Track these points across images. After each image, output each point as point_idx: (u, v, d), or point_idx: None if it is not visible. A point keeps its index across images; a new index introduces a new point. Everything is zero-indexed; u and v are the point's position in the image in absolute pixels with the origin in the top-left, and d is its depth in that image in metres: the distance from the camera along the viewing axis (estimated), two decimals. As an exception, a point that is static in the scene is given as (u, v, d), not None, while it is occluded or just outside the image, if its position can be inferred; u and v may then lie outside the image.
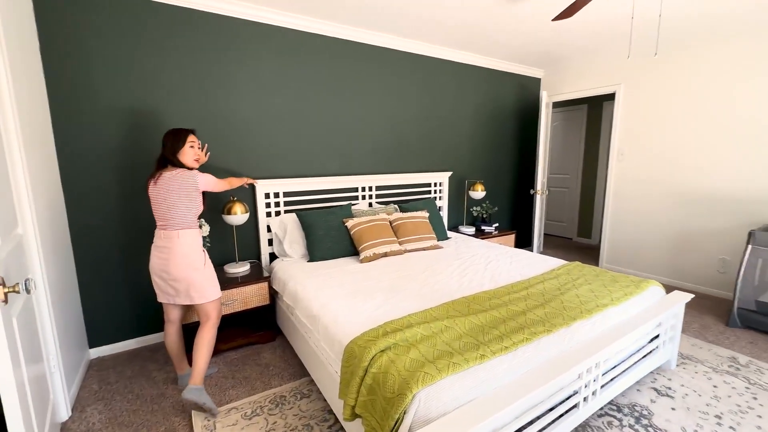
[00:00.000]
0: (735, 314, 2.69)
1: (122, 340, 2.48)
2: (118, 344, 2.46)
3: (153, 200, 1.81)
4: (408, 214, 3.06)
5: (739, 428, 1.70)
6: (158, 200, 1.79)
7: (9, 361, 1.08)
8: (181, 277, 1.81)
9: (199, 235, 1.88)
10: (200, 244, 1.88)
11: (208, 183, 1.94)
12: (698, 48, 3.23)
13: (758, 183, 2.99)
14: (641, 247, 3.81)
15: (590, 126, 5.25)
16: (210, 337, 1.89)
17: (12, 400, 1.10)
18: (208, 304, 1.89)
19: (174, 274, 1.80)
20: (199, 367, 1.82)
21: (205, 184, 1.91)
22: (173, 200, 1.78)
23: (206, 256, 1.91)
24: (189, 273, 1.81)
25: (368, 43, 3.15)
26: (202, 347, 1.85)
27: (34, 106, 1.87)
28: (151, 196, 1.80)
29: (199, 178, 1.86)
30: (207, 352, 1.86)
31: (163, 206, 1.78)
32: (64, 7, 2.07)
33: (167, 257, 1.79)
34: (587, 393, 1.59)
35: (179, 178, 1.80)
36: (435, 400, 1.19)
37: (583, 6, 1.99)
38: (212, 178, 1.98)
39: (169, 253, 1.79)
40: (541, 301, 1.85)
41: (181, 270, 1.80)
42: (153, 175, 1.82)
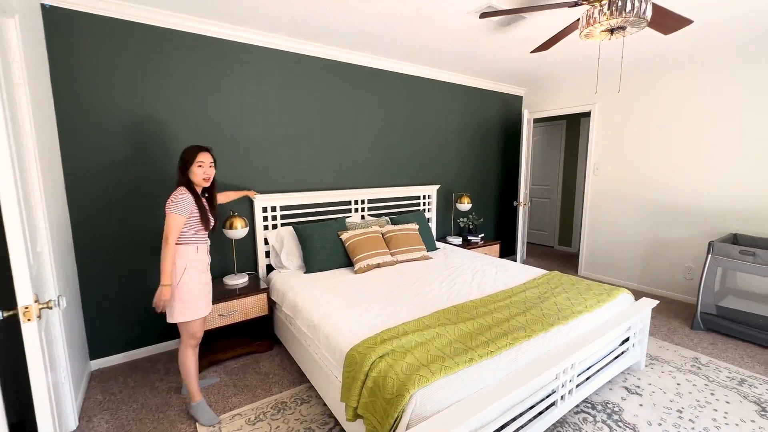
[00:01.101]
0: (698, 318, 2.94)
1: (121, 351, 2.54)
2: (117, 356, 2.52)
3: None
4: (399, 227, 3.23)
5: (697, 420, 1.90)
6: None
7: (44, 373, 1.18)
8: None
9: (186, 253, 1.84)
10: (184, 261, 1.83)
11: (169, 218, 1.77)
12: (658, 76, 3.53)
13: (717, 197, 3.28)
14: (616, 256, 4.07)
15: (569, 140, 5.56)
16: (182, 356, 1.93)
17: (45, 410, 1.20)
18: (178, 324, 1.88)
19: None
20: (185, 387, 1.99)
21: (168, 213, 1.77)
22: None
23: (186, 277, 1.84)
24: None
25: (361, 65, 3.33)
26: (180, 370, 1.96)
27: (46, 126, 1.96)
28: None
29: (170, 207, 1.77)
30: (184, 372, 1.94)
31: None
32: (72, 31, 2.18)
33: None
34: (564, 392, 1.77)
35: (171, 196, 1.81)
36: (430, 400, 1.34)
37: (557, 42, 2.22)
38: (176, 220, 1.77)
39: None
40: (522, 309, 2.03)
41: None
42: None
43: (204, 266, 1.95)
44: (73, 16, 2.16)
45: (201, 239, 1.92)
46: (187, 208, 1.80)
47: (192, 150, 1.88)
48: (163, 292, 1.77)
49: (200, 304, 1.92)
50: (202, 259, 1.93)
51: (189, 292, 1.86)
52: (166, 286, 1.78)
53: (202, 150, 1.89)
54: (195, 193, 1.87)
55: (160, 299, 1.78)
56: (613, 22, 1.68)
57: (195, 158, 1.87)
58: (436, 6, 2.28)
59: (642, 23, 1.71)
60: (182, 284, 1.83)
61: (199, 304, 1.91)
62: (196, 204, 1.85)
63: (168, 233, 1.77)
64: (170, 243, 1.77)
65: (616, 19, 1.66)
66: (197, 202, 1.86)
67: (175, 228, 1.78)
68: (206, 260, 1.98)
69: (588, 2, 1.74)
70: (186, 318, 1.86)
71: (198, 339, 1.96)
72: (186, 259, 1.85)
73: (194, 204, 1.84)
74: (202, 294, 1.93)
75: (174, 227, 1.77)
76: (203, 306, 1.94)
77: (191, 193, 1.85)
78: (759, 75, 2.98)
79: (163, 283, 1.78)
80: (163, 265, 1.78)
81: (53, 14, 2.11)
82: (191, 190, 1.86)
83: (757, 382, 2.24)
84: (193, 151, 1.88)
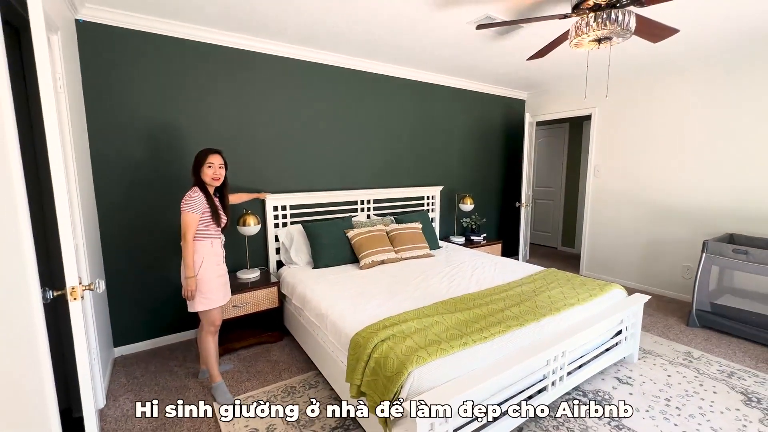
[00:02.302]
0: (694, 315, 3.02)
1: (143, 340, 2.72)
2: (139, 344, 2.70)
3: None
4: (403, 225, 3.37)
5: (683, 408, 2.00)
6: None
7: (86, 345, 1.35)
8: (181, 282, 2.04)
9: (201, 247, 2.00)
10: (200, 255, 1.99)
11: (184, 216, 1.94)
12: (654, 80, 3.63)
13: (714, 198, 3.36)
14: (616, 256, 4.15)
15: (572, 143, 5.65)
16: (203, 342, 2.11)
17: (86, 378, 1.37)
18: (199, 313, 2.06)
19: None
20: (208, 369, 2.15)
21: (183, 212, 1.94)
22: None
23: (203, 270, 2.00)
24: (182, 280, 2.03)
25: (367, 71, 3.50)
26: (201, 353, 2.13)
27: (79, 130, 2.15)
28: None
29: (184, 206, 1.94)
30: (204, 355, 2.13)
31: None
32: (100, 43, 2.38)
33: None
34: (555, 378, 1.89)
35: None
36: (426, 378, 1.48)
37: (551, 50, 2.35)
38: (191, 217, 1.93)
39: None
40: (517, 301, 2.16)
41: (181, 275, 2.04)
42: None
43: (219, 259, 2.10)
44: (101, 29, 2.36)
45: (215, 234, 2.08)
46: (199, 206, 1.96)
47: (203, 152, 2.06)
48: (189, 283, 1.96)
49: (218, 295, 2.08)
50: (217, 253, 2.09)
51: (206, 283, 2.02)
52: (191, 278, 1.96)
53: (211, 152, 2.06)
54: (207, 193, 2.03)
55: (187, 290, 1.97)
56: (600, 33, 1.81)
57: (205, 159, 2.04)
58: (436, 18, 2.44)
59: (627, 34, 1.84)
60: (200, 276, 2.00)
61: (217, 295, 2.07)
62: (207, 202, 2.00)
63: (185, 230, 1.94)
64: (188, 239, 1.94)
65: (603, 30, 1.80)
66: (209, 200, 2.01)
67: (191, 225, 1.94)
68: (221, 254, 2.13)
69: (576, 14, 1.87)
70: (205, 307, 2.03)
71: (217, 326, 2.13)
72: (202, 253, 2.01)
73: (206, 202, 2.00)
74: (218, 285, 2.08)
75: (189, 224, 1.94)
76: (221, 296, 2.11)
77: (203, 192, 2.01)
78: (751, 79, 3.07)
79: (187, 275, 1.96)
80: (186, 260, 1.96)
81: (85, 28, 2.32)
82: (203, 190, 2.02)
83: (746, 374, 2.33)
84: (204, 153, 2.06)
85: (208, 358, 2.11)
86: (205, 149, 2.09)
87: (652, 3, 1.75)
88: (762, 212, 3.10)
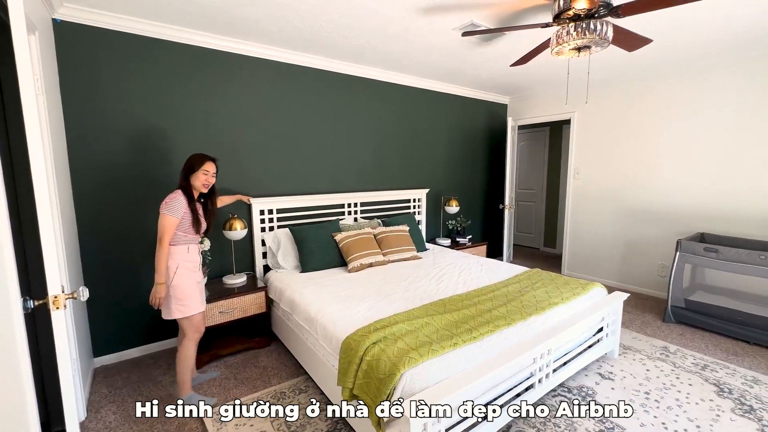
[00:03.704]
0: (669, 311, 3.16)
1: (124, 349, 2.64)
2: (120, 353, 2.62)
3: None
4: (390, 228, 3.39)
5: (662, 401, 2.09)
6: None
7: (68, 356, 1.31)
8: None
9: (177, 252, 1.95)
10: (175, 261, 1.94)
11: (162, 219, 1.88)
12: (629, 87, 3.79)
13: (686, 199, 3.53)
14: (596, 255, 4.30)
15: (552, 146, 5.82)
16: (184, 350, 2.02)
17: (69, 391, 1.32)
18: (178, 320, 2.00)
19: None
20: (177, 380, 2.06)
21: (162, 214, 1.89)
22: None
23: (178, 276, 1.94)
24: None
25: (353, 75, 3.51)
26: (177, 362, 2.04)
27: (57, 133, 2.08)
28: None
29: (164, 208, 1.89)
30: (183, 366, 2.03)
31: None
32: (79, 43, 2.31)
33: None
34: (541, 375, 1.94)
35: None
36: (418, 379, 1.50)
37: (534, 57, 2.43)
38: (169, 221, 1.88)
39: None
40: (504, 301, 2.21)
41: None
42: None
43: (195, 266, 2.04)
44: (80, 29, 2.29)
45: (192, 240, 2.02)
46: (180, 210, 1.91)
47: (200, 157, 2.04)
48: (158, 290, 1.90)
49: (195, 302, 2.02)
50: (193, 259, 2.03)
51: (183, 290, 1.96)
52: (160, 285, 1.90)
53: (208, 159, 2.05)
54: (190, 198, 1.98)
55: (155, 296, 1.90)
56: (580, 42, 1.89)
57: (202, 165, 2.02)
58: (422, 24, 2.48)
59: (605, 43, 1.92)
60: (175, 283, 1.94)
61: (195, 301, 2.02)
62: (189, 207, 1.95)
63: (162, 233, 1.88)
64: (164, 243, 1.88)
65: (582, 40, 1.87)
66: (190, 205, 1.97)
67: (169, 228, 1.88)
68: (197, 260, 2.07)
69: (557, 24, 1.94)
70: (183, 314, 1.97)
71: (201, 333, 2.09)
72: (177, 259, 1.95)
73: (187, 207, 1.95)
74: (196, 291, 2.03)
75: (167, 228, 1.88)
76: (199, 302, 2.05)
77: (186, 196, 1.96)
78: (716, 87, 3.25)
79: (157, 281, 1.89)
80: (158, 264, 1.89)
81: (63, 28, 2.24)
82: (187, 194, 1.98)
83: (718, 367, 2.45)
84: (201, 158, 2.04)
85: (185, 369, 2.04)
86: (201, 155, 2.06)
87: (628, 14, 1.83)
88: (731, 212, 3.28)
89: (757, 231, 3.13)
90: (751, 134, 3.13)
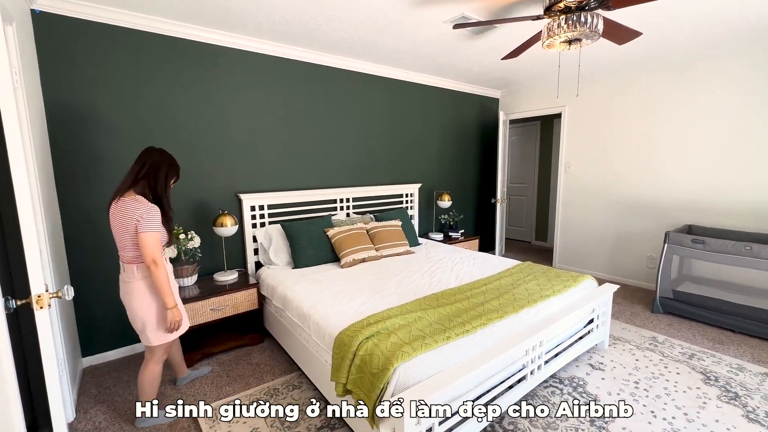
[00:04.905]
0: (657, 302, 3.22)
1: (113, 348, 2.59)
2: (109, 353, 2.58)
3: (112, 224, 1.70)
4: (383, 223, 3.38)
5: (651, 390, 2.13)
6: (113, 225, 1.70)
7: (54, 356, 1.27)
8: (138, 317, 1.75)
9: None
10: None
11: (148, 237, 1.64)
12: (619, 81, 3.82)
13: (674, 192, 3.58)
14: (586, 248, 4.35)
15: (543, 140, 5.85)
16: (153, 373, 1.86)
17: (56, 391, 1.29)
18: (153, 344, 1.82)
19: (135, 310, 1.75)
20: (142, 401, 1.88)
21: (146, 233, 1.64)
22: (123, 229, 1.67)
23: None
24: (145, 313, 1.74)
25: (343, 68, 3.47)
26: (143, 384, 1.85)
27: (38, 129, 2.02)
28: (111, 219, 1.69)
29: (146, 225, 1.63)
30: (150, 389, 1.87)
31: (119, 235, 1.71)
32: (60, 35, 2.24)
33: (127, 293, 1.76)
34: (533, 367, 1.96)
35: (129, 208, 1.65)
36: (412, 372, 1.50)
37: (525, 49, 2.42)
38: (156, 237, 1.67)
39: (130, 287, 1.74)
40: (496, 295, 2.22)
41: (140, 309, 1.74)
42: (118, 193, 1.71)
43: (172, 277, 1.90)
44: (60, 21, 2.22)
45: (163, 251, 1.81)
46: (159, 222, 1.71)
47: (177, 167, 1.86)
48: (173, 314, 1.75)
49: (185, 317, 1.90)
50: (170, 270, 1.88)
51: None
52: (173, 309, 1.75)
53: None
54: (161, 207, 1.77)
55: (173, 322, 1.76)
56: (570, 35, 1.89)
57: (178, 176, 1.88)
58: (413, 17, 2.45)
59: (596, 36, 1.92)
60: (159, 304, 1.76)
61: (185, 318, 1.89)
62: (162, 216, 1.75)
63: (153, 253, 1.65)
64: (160, 261, 1.68)
65: (573, 32, 1.87)
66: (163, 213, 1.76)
67: (157, 244, 1.68)
68: (171, 268, 1.93)
69: (548, 16, 1.94)
70: (172, 337, 1.84)
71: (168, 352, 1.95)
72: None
73: (160, 216, 1.73)
74: (181, 306, 1.89)
75: (156, 243, 1.67)
76: (185, 320, 1.91)
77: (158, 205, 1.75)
78: (708, 79, 3.29)
79: (169, 306, 1.73)
80: (162, 288, 1.70)
81: (42, 19, 2.17)
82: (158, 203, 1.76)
83: (705, 355, 2.50)
84: (178, 169, 1.86)
85: (154, 392, 1.89)
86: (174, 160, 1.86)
87: (618, 6, 1.83)
88: (717, 204, 3.33)
89: (743, 222, 3.19)
90: (739, 128, 3.17)
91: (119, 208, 1.67)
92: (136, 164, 1.78)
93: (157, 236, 1.69)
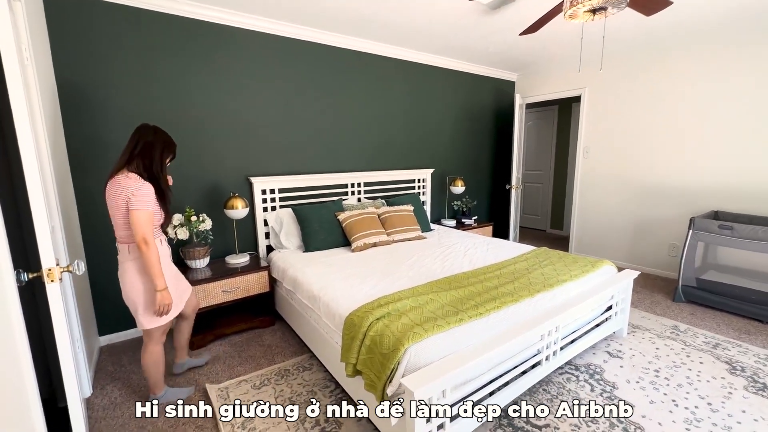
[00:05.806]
0: (680, 290, 3.09)
1: (129, 328, 2.64)
2: (126, 332, 2.63)
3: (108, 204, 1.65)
4: (394, 208, 3.33)
5: (672, 378, 2.05)
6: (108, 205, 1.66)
7: (66, 328, 1.28)
8: (130, 299, 1.70)
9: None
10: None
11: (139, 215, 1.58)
12: (643, 60, 3.62)
13: (699, 177, 3.41)
14: (605, 236, 4.21)
15: (561, 125, 5.65)
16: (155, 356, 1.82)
17: (68, 362, 1.30)
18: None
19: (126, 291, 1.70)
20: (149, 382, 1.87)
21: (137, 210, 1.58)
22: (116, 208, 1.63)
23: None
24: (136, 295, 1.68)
25: (355, 50, 3.39)
26: (147, 367, 1.83)
27: (51, 106, 2.02)
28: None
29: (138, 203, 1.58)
30: (154, 370, 1.83)
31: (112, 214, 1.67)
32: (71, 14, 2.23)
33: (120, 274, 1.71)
34: (549, 353, 1.90)
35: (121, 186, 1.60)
36: (423, 354, 1.46)
37: (545, 23, 2.30)
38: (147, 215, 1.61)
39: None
40: (511, 279, 2.15)
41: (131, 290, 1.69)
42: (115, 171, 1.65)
43: (169, 259, 1.86)
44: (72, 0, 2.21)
45: (159, 231, 1.79)
46: (152, 201, 1.66)
47: (173, 145, 1.79)
48: (163, 297, 1.67)
49: (178, 301, 1.86)
50: (166, 253, 1.82)
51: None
52: (163, 291, 1.67)
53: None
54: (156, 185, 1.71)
55: (162, 305, 1.68)
56: (595, 3, 1.77)
57: (174, 155, 1.82)
58: (427, -11, 2.35)
59: (623, 3, 1.80)
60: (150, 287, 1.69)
61: (177, 301, 1.85)
62: (156, 194, 1.69)
63: (144, 232, 1.59)
64: (150, 241, 1.61)
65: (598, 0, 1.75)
66: (158, 192, 1.71)
67: (149, 223, 1.62)
68: (169, 252, 1.87)
69: (571, -17, 1.82)
70: (164, 321, 1.76)
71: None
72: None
73: (155, 194, 1.68)
74: (173, 288, 1.82)
75: (147, 222, 1.61)
76: (179, 303, 1.87)
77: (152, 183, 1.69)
78: (737, 58, 3.08)
79: (159, 288, 1.65)
80: (153, 269, 1.63)
81: (53, -1, 2.16)
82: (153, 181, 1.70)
83: (730, 345, 2.40)
84: (174, 147, 1.79)
85: (157, 371, 1.85)
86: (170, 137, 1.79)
87: (649, -29, 1.71)
88: (746, 189, 3.16)
89: (775, 208, 3.02)
90: (772, 107, 2.98)
91: (112, 186, 1.63)
92: (129, 142, 1.72)
93: (149, 214, 1.62)
